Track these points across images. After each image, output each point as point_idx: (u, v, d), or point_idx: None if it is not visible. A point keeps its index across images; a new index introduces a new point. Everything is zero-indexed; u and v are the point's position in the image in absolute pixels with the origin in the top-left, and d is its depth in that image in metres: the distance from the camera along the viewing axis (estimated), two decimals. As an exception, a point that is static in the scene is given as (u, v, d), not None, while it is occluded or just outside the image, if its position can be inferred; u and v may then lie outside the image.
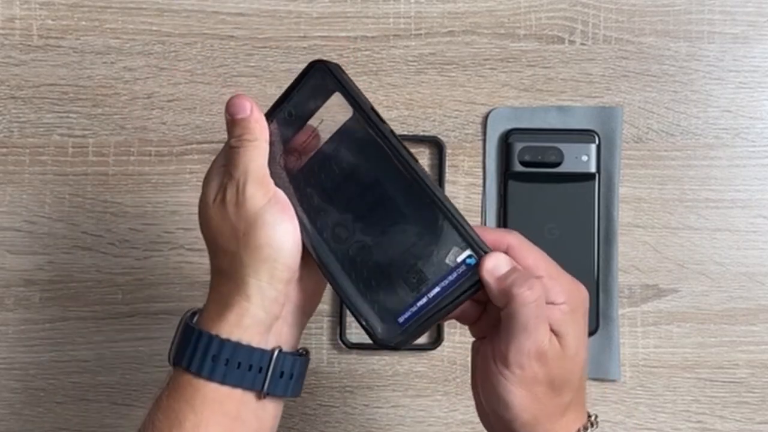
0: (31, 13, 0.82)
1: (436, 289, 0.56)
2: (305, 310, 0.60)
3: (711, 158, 0.81)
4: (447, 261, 0.56)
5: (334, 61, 0.59)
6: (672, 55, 0.81)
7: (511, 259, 0.55)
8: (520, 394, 0.55)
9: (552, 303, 0.55)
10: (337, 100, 0.59)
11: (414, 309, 0.56)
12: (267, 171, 0.58)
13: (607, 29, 0.81)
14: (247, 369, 0.57)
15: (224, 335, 0.57)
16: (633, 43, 0.81)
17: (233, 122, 0.58)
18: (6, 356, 0.81)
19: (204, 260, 0.81)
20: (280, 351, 0.58)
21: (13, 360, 0.81)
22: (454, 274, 0.56)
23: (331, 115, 0.59)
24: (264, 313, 0.57)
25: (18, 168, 0.82)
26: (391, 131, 0.58)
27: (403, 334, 0.56)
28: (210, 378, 0.57)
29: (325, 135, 0.59)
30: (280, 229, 0.57)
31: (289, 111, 0.60)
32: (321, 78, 0.59)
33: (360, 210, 0.58)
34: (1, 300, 0.81)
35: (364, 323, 0.57)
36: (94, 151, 0.82)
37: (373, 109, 0.58)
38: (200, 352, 0.57)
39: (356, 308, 0.58)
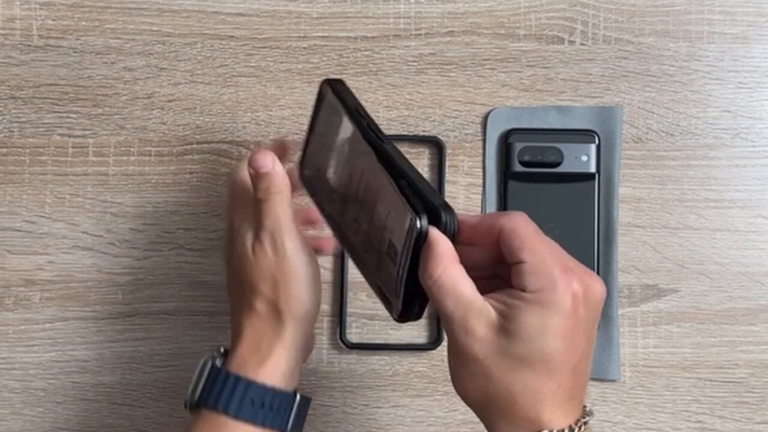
0: (31, 13, 0.82)
1: (404, 258, 0.57)
2: (308, 352, 0.69)
3: (711, 158, 0.81)
4: (405, 228, 0.56)
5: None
6: (672, 55, 0.81)
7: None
8: (455, 365, 0.56)
9: (521, 288, 0.54)
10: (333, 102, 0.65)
11: (401, 280, 0.57)
12: (293, 217, 0.65)
13: (607, 29, 0.81)
14: (278, 411, 0.64)
15: (263, 381, 0.64)
16: (633, 43, 0.81)
17: (258, 176, 0.64)
18: (6, 356, 0.81)
19: (204, 260, 0.81)
20: (301, 395, 0.66)
21: (13, 360, 0.81)
22: (410, 239, 0.56)
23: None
24: (294, 361, 0.65)
25: (18, 168, 0.82)
26: (368, 125, 0.62)
27: (405, 309, 0.58)
28: (248, 420, 0.63)
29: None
30: (315, 284, 0.66)
31: (318, 132, 0.67)
32: (326, 97, 0.66)
33: (356, 202, 0.62)
34: (1, 300, 0.81)
35: (385, 305, 0.60)
36: (94, 151, 0.82)
37: (357, 107, 0.63)
38: (238, 395, 0.63)
39: (379, 291, 0.60)
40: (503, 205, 0.80)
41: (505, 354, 0.54)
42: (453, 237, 0.56)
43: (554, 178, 0.80)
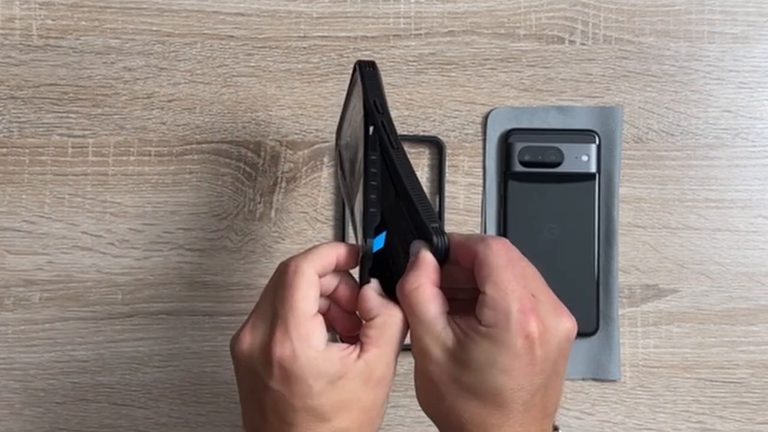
0: (31, 13, 0.82)
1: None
2: None
3: (711, 158, 0.81)
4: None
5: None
6: (672, 55, 0.81)
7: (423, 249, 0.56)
8: (415, 378, 0.57)
9: (479, 319, 0.54)
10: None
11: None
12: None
13: (607, 29, 0.81)
14: None
15: None
16: (633, 43, 0.81)
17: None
18: (6, 356, 0.81)
19: (204, 260, 0.81)
20: None
21: (12, 360, 0.81)
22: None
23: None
24: None
25: (18, 168, 0.81)
26: (382, 123, 0.61)
27: None
28: None
29: None
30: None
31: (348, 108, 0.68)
32: (356, 78, 0.65)
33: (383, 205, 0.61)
34: (1, 300, 0.81)
35: None
36: (94, 151, 0.82)
37: (375, 102, 0.62)
38: None
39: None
40: (503, 205, 0.80)
41: (455, 381, 0.54)
42: (441, 260, 0.56)
43: (554, 178, 0.79)
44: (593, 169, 0.80)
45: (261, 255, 0.81)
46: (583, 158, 0.80)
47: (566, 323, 0.55)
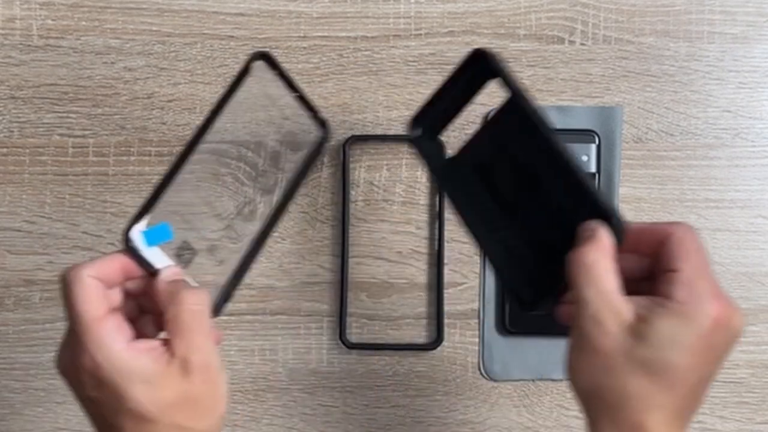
0: (31, 13, 0.82)
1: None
2: None
3: (711, 158, 0.81)
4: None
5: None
6: (672, 55, 0.81)
7: (600, 228, 0.56)
8: (575, 350, 0.56)
9: (666, 296, 0.54)
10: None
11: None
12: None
13: (607, 29, 0.81)
14: None
15: None
16: (633, 43, 0.81)
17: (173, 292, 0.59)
18: (6, 356, 0.81)
19: (204, 260, 0.81)
20: None
21: (13, 360, 0.81)
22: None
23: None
24: None
25: (18, 168, 0.82)
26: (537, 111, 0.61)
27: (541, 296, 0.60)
28: None
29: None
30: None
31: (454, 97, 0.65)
32: (477, 68, 0.64)
33: (516, 193, 0.61)
34: (1, 300, 0.81)
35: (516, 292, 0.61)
36: (95, 151, 0.82)
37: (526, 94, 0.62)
38: None
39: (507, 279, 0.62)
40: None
41: (629, 355, 0.54)
42: (618, 242, 0.57)
43: (554, 178, 0.79)
44: (593, 169, 0.80)
45: (261, 255, 0.80)
46: (583, 158, 0.80)
47: (742, 319, 0.55)
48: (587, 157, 0.80)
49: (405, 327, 0.80)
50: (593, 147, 0.80)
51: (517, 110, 0.61)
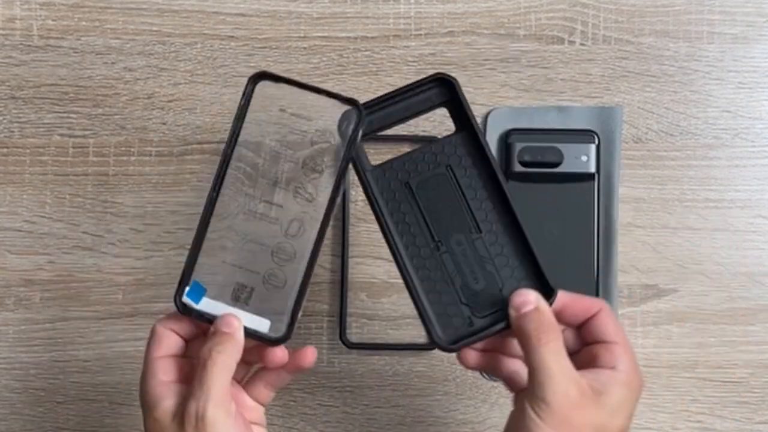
0: (32, 13, 0.82)
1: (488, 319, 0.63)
2: None
3: (710, 158, 0.81)
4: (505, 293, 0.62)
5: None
6: (672, 56, 0.81)
7: (541, 300, 0.61)
8: (533, 425, 0.58)
9: (612, 368, 0.60)
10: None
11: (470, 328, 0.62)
12: (229, 391, 0.60)
13: (607, 29, 0.82)
14: None
15: None
16: (633, 44, 0.81)
17: (214, 333, 0.61)
18: (6, 356, 0.81)
19: (204, 260, 0.81)
20: None
21: (13, 360, 0.81)
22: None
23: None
24: None
25: (18, 168, 0.82)
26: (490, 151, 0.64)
27: (453, 344, 0.62)
28: None
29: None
30: None
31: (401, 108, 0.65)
32: (437, 91, 0.64)
33: (451, 224, 0.63)
34: (2, 300, 0.81)
35: (428, 325, 0.62)
36: (95, 152, 0.82)
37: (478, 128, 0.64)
38: None
39: (425, 311, 0.63)
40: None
41: (590, 422, 0.58)
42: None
43: (554, 178, 0.80)
44: (593, 169, 0.80)
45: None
46: (583, 158, 0.80)
47: (642, 382, 0.62)
48: (587, 157, 0.80)
49: (405, 327, 0.80)
50: (593, 147, 0.80)
51: (470, 146, 0.63)
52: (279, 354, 0.62)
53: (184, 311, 0.63)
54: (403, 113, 0.64)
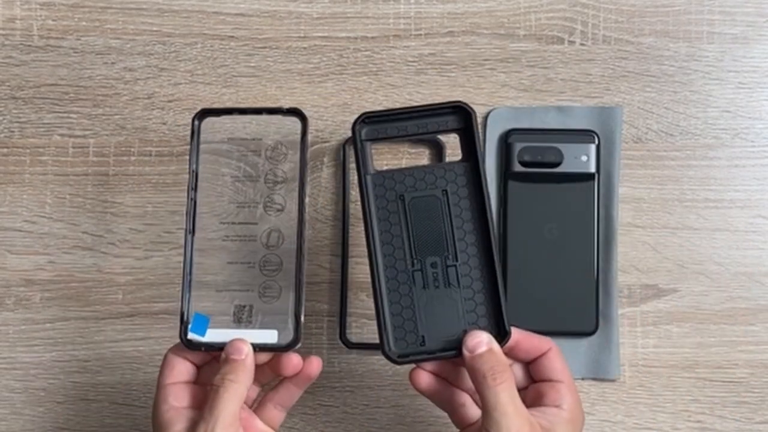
0: (32, 13, 0.82)
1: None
2: None
3: (710, 158, 0.81)
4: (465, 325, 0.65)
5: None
6: (671, 56, 0.81)
7: (494, 342, 0.63)
8: None
9: (557, 406, 0.64)
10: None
11: (420, 347, 0.65)
12: (238, 417, 0.63)
13: (607, 29, 0.82)
14: None
15: None
16: (632, 44, 0.82)
17: (225, 361, 0.64)
18: (6, 356, 0.81)
19: (204, 260, 0.81)
20: None
21: (13, 360, 0.81)
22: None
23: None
24: None
25: (18, 168, 0.82)
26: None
27: (401, 358, 0.65)
28: None
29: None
30: None
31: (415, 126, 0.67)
32: (454, 117, 0.66)
33: (431, 245, 0.65)
34: (2, 300, 0.81)
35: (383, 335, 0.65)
36: (95, 152, 0.82)
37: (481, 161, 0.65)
38: None
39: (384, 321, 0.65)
40: (503, 205, 0.80)
41: None
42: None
43: (554, 178, 0.80)
44: (593, 169, 0.80)
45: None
46: (583, 158, 0.80)
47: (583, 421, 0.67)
48: (587, 157, 0.80)
49: (405, 327, 0.80)
50: (593, 147, 0.80)
51: (470, 177, 0.65)
52: (294, 360, 0.65)
53: (192, 346, 0.66)
54: (416, 129, 0.66)
